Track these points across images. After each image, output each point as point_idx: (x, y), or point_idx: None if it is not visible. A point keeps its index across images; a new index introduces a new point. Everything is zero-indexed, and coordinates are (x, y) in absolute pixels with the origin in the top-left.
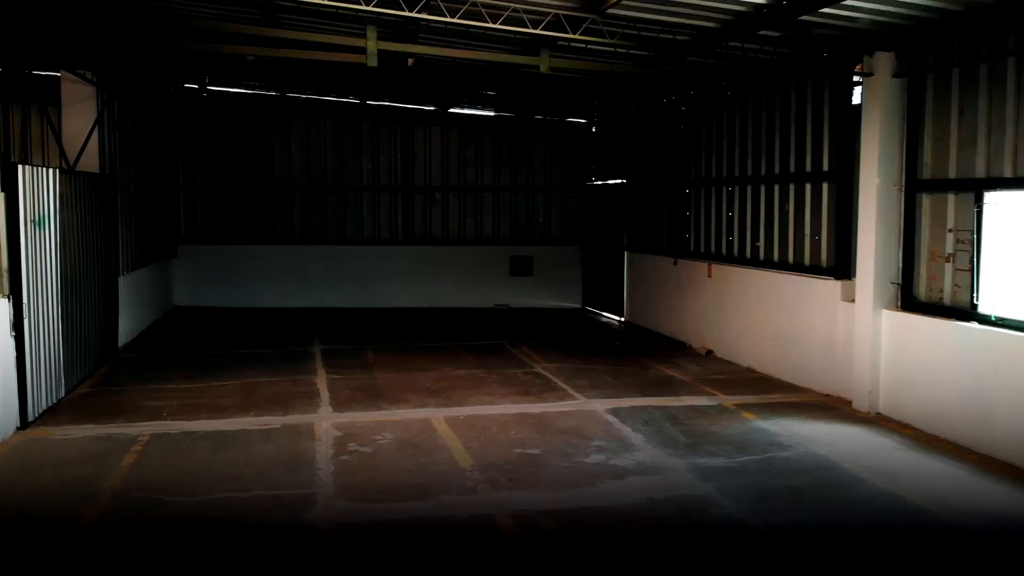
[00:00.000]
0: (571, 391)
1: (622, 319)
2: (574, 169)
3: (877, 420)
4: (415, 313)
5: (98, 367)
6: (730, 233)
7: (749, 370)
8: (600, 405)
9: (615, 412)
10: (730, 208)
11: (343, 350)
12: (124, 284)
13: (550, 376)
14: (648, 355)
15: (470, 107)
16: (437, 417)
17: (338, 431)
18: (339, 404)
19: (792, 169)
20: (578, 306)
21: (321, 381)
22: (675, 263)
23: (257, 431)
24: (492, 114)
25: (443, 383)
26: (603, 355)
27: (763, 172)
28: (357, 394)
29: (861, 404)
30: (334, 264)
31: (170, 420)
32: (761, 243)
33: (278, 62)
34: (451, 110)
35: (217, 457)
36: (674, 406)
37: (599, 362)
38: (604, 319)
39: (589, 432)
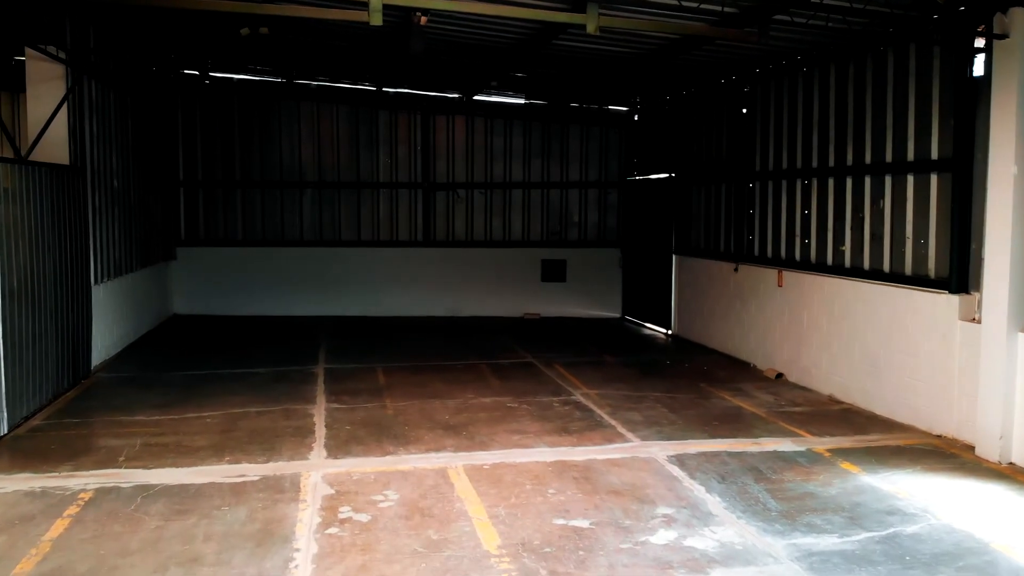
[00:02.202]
0: (621, 428)
1: (669, 332)
2: (613, 163)
3: (1012, 473)
4: (435, 324)
5: (62, 392)
6: (806, 235)
7: (831, 399)
8: (659, 450)
9: (679, 461)
10: (806, 205)
11: (350, 370)
12: (104, 292)
13: (592, 407)
14: (706, 378)
15: (497, 94)
16: (455, 467)
17: (329, 486)
18: (336, 446)
19: (888, 158)
20: (617, 316)
21: (319, 412)
22: (735, 269)
23: (229, 486)
24: (522, 102)
25: (464, 415)
26: (653, 377)
27: (850, 162)
28: (360, 431)
29: (988, 451)
30: (347, 268)
31: (126, 467)
32: (847, 247)
33: (279, 40)
34: (476, 97)
35: (170, 528)
36: (752, 452)
37: (649, 387)
38: (647, 331)
39: (651, 492)
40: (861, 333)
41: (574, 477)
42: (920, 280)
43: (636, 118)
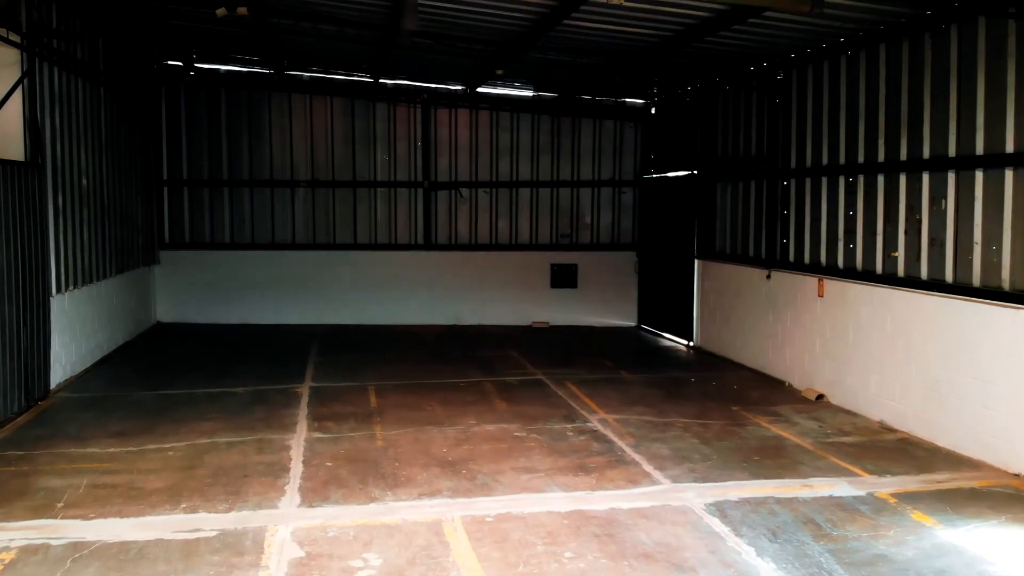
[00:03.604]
0: (646, 466)
1: (691, 343)
2: (629, 159)
3: None
4: (436, 333)
5: (11, 417)
6: (851, 239)
7: (883, 426)
8: (695, 496)
9: (720, 511)
10: (850, 206)
11: (338, 389)
12: (69, 302)
13: (612, 436)
14: (738, 400)
15: (503, 85)
16: (452, 519)
17: (299, 546)
18: (313, 489)
19: (951, 152)
20: (632, 325)
21: (297, 443)
22: (768, 276)
23: (179, 544)
24: (530, 94)
25: (464, 447)
26: (677, 399)
27: (903, 157)
28: (342, 469)
29: None
30: (341, 273)
31: (63, 516)
32: (900, 253)
33: (263, 24)
34: (480, 89)
35: None
36: (804, 498)
37: (675, 411)
38: (666, 342)
39: (689, 556)
40: (919, 352)
41: (595, 534)
42: (992, 293)
43: (653, 111)
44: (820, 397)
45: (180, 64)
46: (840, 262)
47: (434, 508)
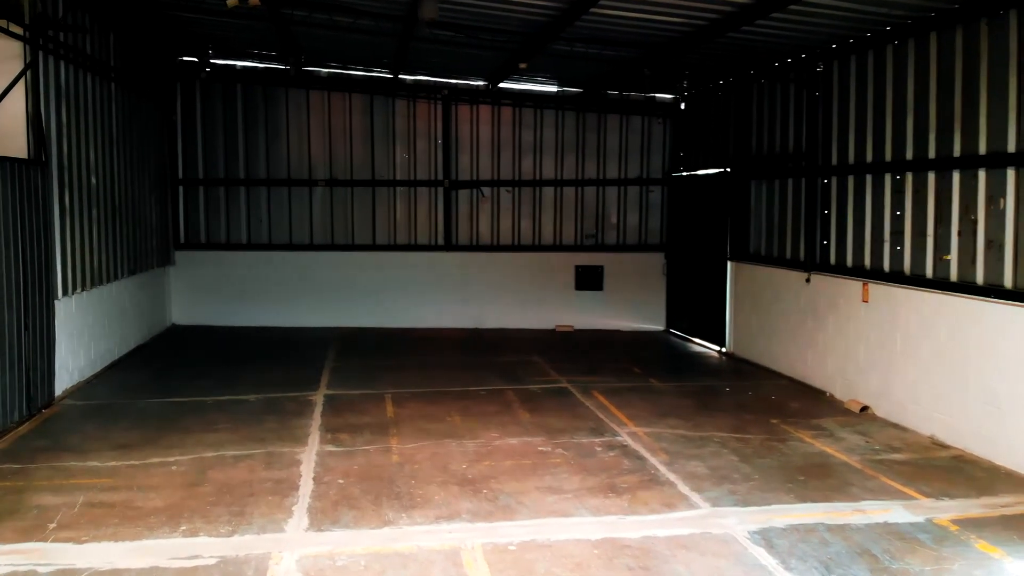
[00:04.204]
0: (683, 487)
1: (723, 349)
2: (657, 157)
3: None
4: (456, 337)
5: (10, 427)
6: (898, 241)
7: (934, 442)
8: (736, 522)
9: (765, 540)
10: (897, 205)
11: (354, 397)
12: (77, 305)
13: (644, 452)
14: (777, 411)
15: (527, 80)
16: (471, 547)
17: None
18: (323, 510)
19: (1011, 147)
20: (660, 329)
21: (308, 458)
22: (807, 279)
23: (175, 573)
24: (554, 89)
25: (485, 463)
26: (712, 410)
27: (956, 153)
28: (355, 487)
29: None
30: (360, 275)
31: (55, 539)
32: (953, 256)
33: (278, 17)
34: (502, 84)
35: None
36: (858, 525)
37: (710, 423)
38: (696, 347)
39: None
40: (976, 363)
41: (629, 567)
42: None
43: (683, 106)
44: (864, 409)
45: (195, 60)
46: (886, 265)
47: (452, 534)
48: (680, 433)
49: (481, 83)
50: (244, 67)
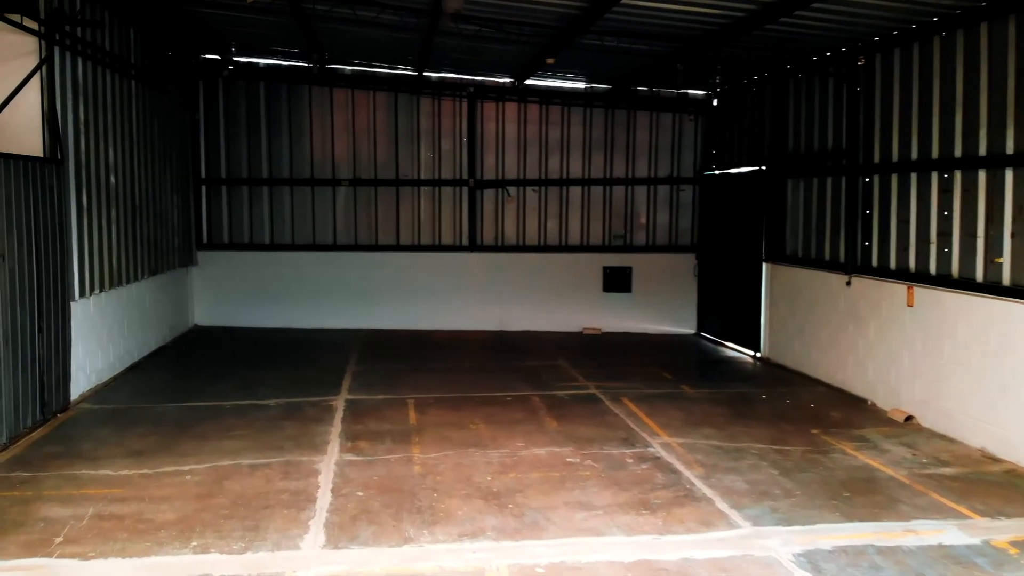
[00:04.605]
0: (720, 503)
1: (757, 354)
2: (688, 154)
3: None
4: (480, 340)
5: (23, 432)
6: (945, 242)
7: (984, 455)
8: (780, 543)
9: (812, 564)
10: (945, 205)
11: (376, 403)
12: (95, 307)
13: (678, 465)
14: (817, 421)
15: (554, 76)
16: (497, 569)
17: None
18: (340, 525)
19: None
20: (691, 332)
21: (327, 467)
22: (848, 282)
23: None
24: (582, 86)
25: (511, 475)
26: (748, 418)
27: (1010, 150)
28: (374, 500)
29: None
30: (383, 276)
31: (60, 555)
32: (1006, 259)
33: (298, 11)
34: (529, 81)
35: None
36: (909, 547)
37: (747, 434)
38: (729, 352)
39: None
40: None
41: None
42: None
43: (715, 102)
44: (909, 419)
45: (218, 58)
46: (932, 268)
47: (476, 553)
48: (715, 444)
49: (507, 80)
50: (267, 65)
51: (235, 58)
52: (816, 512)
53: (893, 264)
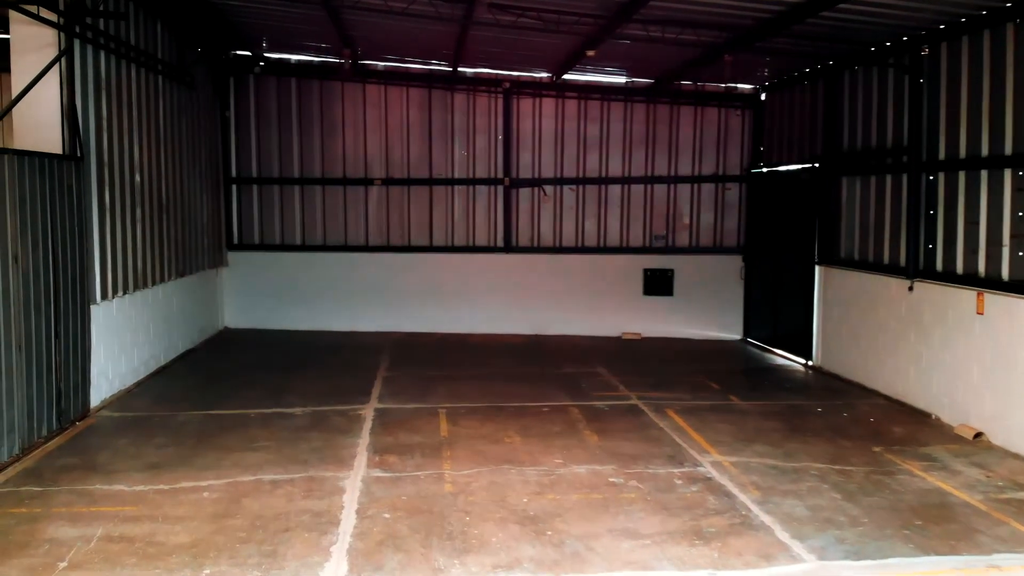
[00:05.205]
0: (781, 532)
1: (809, 362)
2: (734, 151)
3: None
4: (515, 345)
5: (38, 442)
6: (1020, 245)
7: None
8: None
9: None
10: (1020, 205)
11: (406, 412)
12: (118, 309)
13: (731, 487)
14: (878, 437)
15: (592, 71)
16: None
17: None
18: (364, 553)
19: None
20: (736, 338)
21: (353, 485)
22: (910, 288)
23: None
24: (622, 80)
25: (549, 497)
26: (805, 433)
27: None
28: (402, 524)
29: None
30: (416, 278)
31: None
32: None
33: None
34: (567, 76)
35: None
36: None
37: (804, 451)
38: (778, 360)
39: None
40: None
41: None
42: None
43: (764, 96)
44: (978, 436)
45: (248, 54)
46: (1005, 273)
47: None
48: (771, 463)
49: (544, 75)
50: (298, 61)
51: (266, 54)
52: (887, 543)
53: (960, 268)
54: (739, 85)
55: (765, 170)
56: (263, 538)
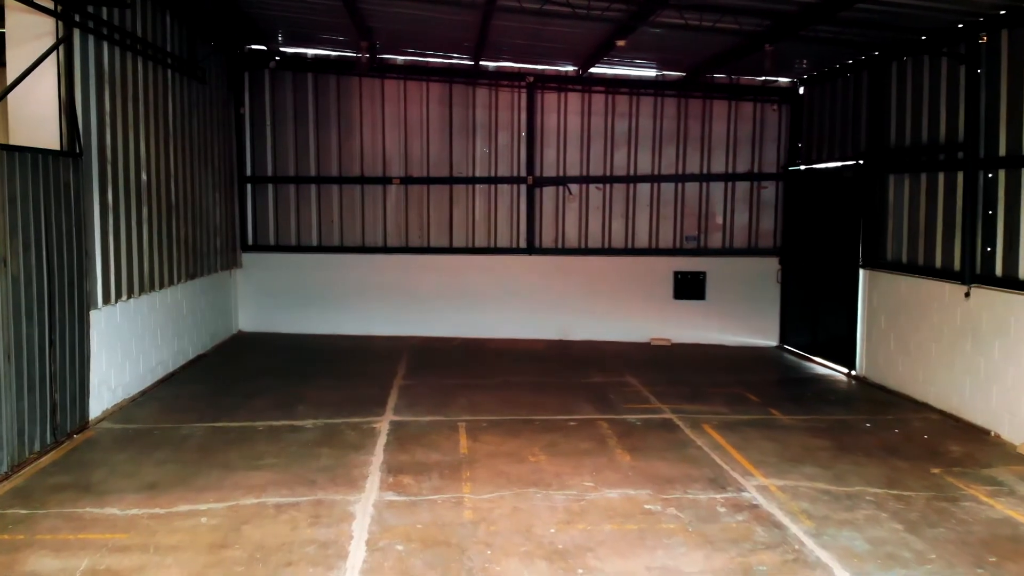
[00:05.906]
0: (840, 571)
1: (852, 372)
2: (771, 148)
3: None
4: (539, 351)
5: (30, 457)
6: None
7: None
8: None
9: None
10: None
11: (424, 425)
12: (121, 314)
13: (781, 517)
14: (934, 456)
15: (620, 63)
16: None
17: None
18: None
19: None
20: (772, 344)
21: (364, 510)
22: (966, 294)
23: None
24: (652, 73)
25: (579, 527)
26: (856, 453)
27: None
28: (416, 559)
29: None
30: (435, 280)
31: None
32: None
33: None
34: (593, 69)
35: None
36: None
37: (856, 473)
38: (819, 369)
39: None
40: None
41: None
42: None
43: (803, 90)
44: None
45: (264, 48)
46: None
47: None
48: (822, 488)
49: (569, 68)
50: (315, 56)
51: (282, 48)
52: None
53: (1023, 274)
54: (776, 78)
55: (803, 168)
56: (263, 573)
